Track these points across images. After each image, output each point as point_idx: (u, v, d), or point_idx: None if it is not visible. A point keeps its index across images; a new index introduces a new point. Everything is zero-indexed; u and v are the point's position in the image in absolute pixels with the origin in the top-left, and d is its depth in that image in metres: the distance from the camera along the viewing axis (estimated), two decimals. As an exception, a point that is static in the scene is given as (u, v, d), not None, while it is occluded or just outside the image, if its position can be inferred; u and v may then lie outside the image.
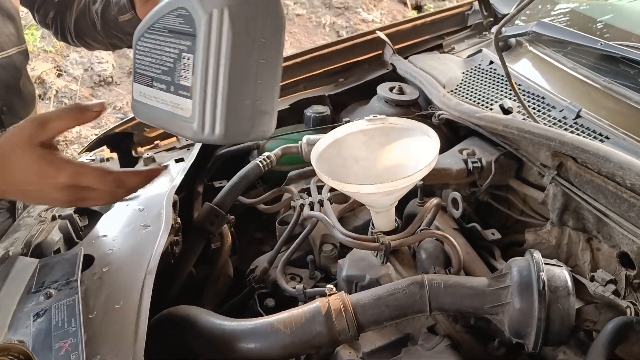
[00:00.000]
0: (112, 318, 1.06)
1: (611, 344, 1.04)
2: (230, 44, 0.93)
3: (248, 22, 0.94)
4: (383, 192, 1.24)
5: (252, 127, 1.01)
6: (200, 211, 1.52)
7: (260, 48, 0.96)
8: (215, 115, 0.96)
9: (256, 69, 0.97)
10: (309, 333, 1.12)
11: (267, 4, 0.96)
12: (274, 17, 0.98)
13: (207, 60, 0.93)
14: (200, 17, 0.92)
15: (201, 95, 0.95)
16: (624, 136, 1.35)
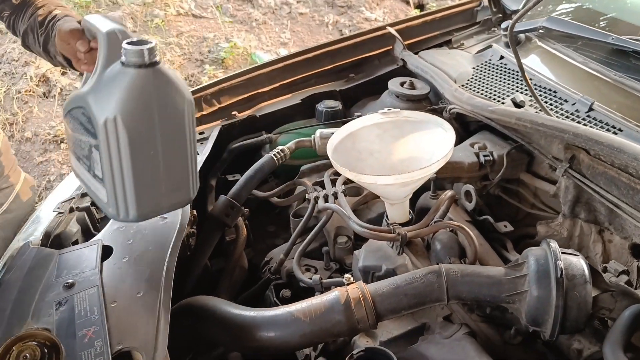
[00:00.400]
0: (133, 307, 1.08)
1: (628, 331, 1.06)
2: (128, 144, 0.99)
3: (143, 122, 1.00)
4: (400, 183, 1.26)
5: (165, 203, 1.09)
6: (216, 203, 1.54)
7: (162, 138, 1.02)
8: (126, 202, 1.04)
9: (160, 156, 1.03)
10: (328, 322, 1.14)
11: (160, 100, 1.00)
12: (171, 106, 1.02)
13: (111, 160, 1.01)
14: (97, 122, 0.99)
15: (111, 187, 1.04)
16: (637, 128, 1.36)
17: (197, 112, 1.87)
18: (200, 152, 1.67)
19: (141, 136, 1.00)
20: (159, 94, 1.00)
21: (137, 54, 0.95)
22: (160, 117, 1.01)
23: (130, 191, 1.03)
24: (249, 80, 1.95)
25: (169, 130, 1.03)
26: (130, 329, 1.03)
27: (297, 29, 5.59)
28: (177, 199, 1.11)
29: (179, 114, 1.04)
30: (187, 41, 5.21)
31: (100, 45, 1.04)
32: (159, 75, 0.99)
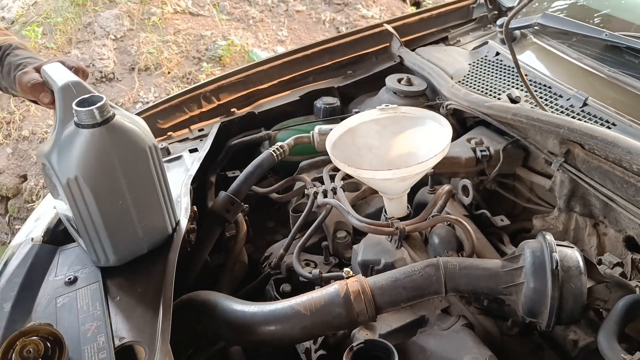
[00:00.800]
0: (135, 302, 1.09)
1: (622, 321, 1.08)
2: (94, 200, 1.04)
3: (105, 177, 1.05)
4: (398, 177, 1.27)
5: (144, 244, 1.16)
6: (216, 199, 1.55)
7: (128, 187, 1.08)
8: (104, 251, 1.11)
9: (130, 204, 1.09)
10: (329, 314, 1.16)
11: (119, 153, 1.04)
12: (132, 155, 1.07)
13: (80, 215, 1.07)
14: (60, 182, 1.04)
15: (86, 238, 1.10)
16: (631, 123, 1.38)
17: (196, 109, 1.89)
18: (200, 148, 1.69)
19: (106, 190, 1.05)
20: (117, 147, 1.03)
21: (88, 115, 0.99)
22: (123, 169, 1.05)
23: (106, 241, 1.10)
24: (248, 77, 1.97)
25: (135, 178, 1.08)
26: (132, 324, 1.04)
27: (294, 27, 5.60)
28: (155, 238, 1.17)
29: (142, 161, 1.09)
30: (184, 39, 5.22)
31: (57, 100, 1.06)
32: (114, 130, 1.03)
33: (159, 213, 1.16)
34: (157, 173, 1.14)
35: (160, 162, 1.15)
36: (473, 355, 1.09)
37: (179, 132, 1.85)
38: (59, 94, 1.06)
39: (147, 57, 4.93)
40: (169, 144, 1.75)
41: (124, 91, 4.80)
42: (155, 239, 1.17)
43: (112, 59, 5.01)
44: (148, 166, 1.10)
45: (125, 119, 1.07)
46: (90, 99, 1.02)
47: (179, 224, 1.25)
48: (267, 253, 1.60)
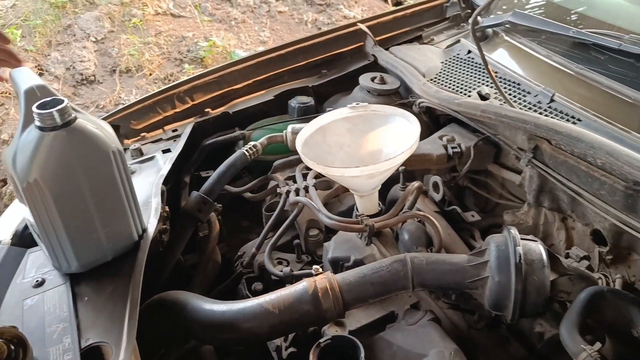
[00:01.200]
0: (104, 302, 1.09)
1: (584, 312, 1.09)
2: (55, 204, 1.03)
3: (66, 181, 1.03)
4: (366, 175, 1.28)
5: (108, 250, 1.14)
6: (188, 199, 1.56)
7: (91, 192, 1.06)
8: (66, 257, 1.10)
9: (92, 209, 1.08)
10: (297, 312, 1.16)
11: (81, 156, 1.03)
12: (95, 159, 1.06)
13: (41, 220, 1.05)
14: (20, 186, 1.02)
15: (48, 244, 1.09)
16: (595, 118, 1.40)
17: (170, 110, 1.89)
18: (173, 149, 1.68)
19: (66, 195, 1.04)
20: (79, 151, 1.02)
21: (48, 118, 0.98)
22: (85, 173, 1.04)
23: (67, 247, 1.08)
24: (222, 77, 1.97)
25: (97, 183, 1.07)
26: (100, 324, 1.04)
27: (276, 27, 5.60)
28: (120, 245, 1.16)
29: (105, 165, 1.07)
30: (166, 40, 5.20)
31: (21, 103, 1.05)
32: (75, 133, 1.02)
33: (124, 219, 1.15)
34: (122, 178, 1.12)
35: (125, 167, 1.13)
36: (438, 349, 1.10)
37: (153, 132, 1.84)
38: (23, 97, 1.05)
39: (128, 59, 4.91)
40: (142, 144, 1.75)
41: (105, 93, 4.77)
42: (120, 246, 1.16)
43: (92, 61, 4.97)
44: (111, 171, 1.09)
45: (88, 122, 1.06)
46: (52, 102, 1.01)
47: (147, 230, 1.25)
48: (240, 252, 1.61)
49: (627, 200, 1.22)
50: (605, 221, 1.31)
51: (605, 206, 1.29)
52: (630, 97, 1.42)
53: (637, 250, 1.29)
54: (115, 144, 1.10)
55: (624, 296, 1.12)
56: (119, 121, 1.82)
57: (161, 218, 1.48)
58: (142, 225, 1.23)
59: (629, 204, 1.22)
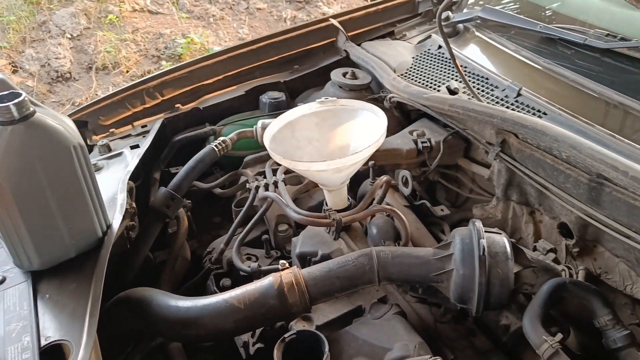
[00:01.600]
0: (66, 299, 1.07)
1: (546, 304, 1.10)
2: (13, 200, 1.01)
3: (24, 176, 1.01)
4: (333, 169, 1.28)
5: (71, 247, 1.12)
6: (156, 195, 1.54)
7: (51, 188, 1.05)
8: (27, 254, 1.08)
9: (53, 205, 1.06)
10: (263, 307, 1.15)
11: (40, 151, 1.01)
12: (55, 154, 1.04)
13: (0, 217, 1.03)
14: None
15: (8, 241, 1.07)
16: (560, 112, 1.42)
17: (140, 105, 1.87)
18: (141, 144, 1.66)
19: (25, 190, 1.02)
20: (37, 146, 1.00)
21: (6, 111, 0.96)
22: (45, 168, 1.02)
23: (28, 244, 1.06)
24: (192, 72, 1.95)
25: (58, 179, 1.05)
26: (61, 322, 1.02)
27: (255, 24, 5.58)
28: (83, 242, 1.14)
29: (66, 161, 1.05)
30: (143, 37, 5.15)
31: None
32: (34, 128, 0.99)
33: (86, 216, 1.13)
34: (84, 174, 1.10)
35: (87, 163, 1.11)
36: (403, 343, 1.10)
37: (122, 128, 1.82)
38: None
39: (104, 56, 4.85)
40: (111, 140, 1.73)
41: (81, 91, 4.71)
42: (83, 242, 1.14)
43: (68, 58, 4.91)
44: (73, 166, 1.07)
45: (47, 117, 1.04)
46: (9, 95, 0.99)
47: (111, 226, 1.23)
48: (209, 248, 1.59)
49: (591, 192, 1.23)
50: (571, 214, 1.32)
51: (571, 199, 1.30)
52: (595, 91, 1.44)
53: (603, 243, 1.30)
54: (76, 139, 1.08)
55: (585, 287, 1.14)
56: (87, 117, 1.80)
57: (128, 214, 1.46)
58: (106, 222, 1.21)
59: (593, 197, 1.23)
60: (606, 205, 1.20)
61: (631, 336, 1.06)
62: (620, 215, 1.18)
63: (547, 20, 1.78)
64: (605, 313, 1.09)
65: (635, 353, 1.03)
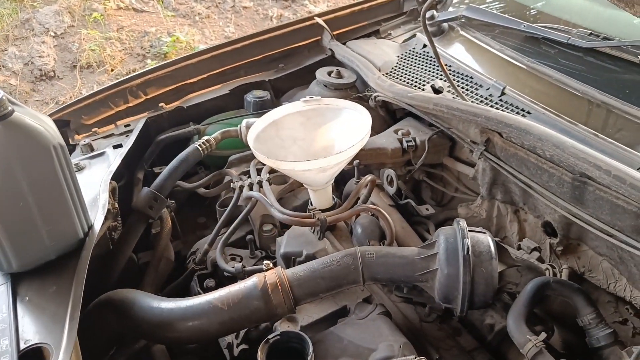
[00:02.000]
0: (46, 302, 1.05)
1: (530, 303, 1.10)
2: None
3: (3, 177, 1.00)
4: (317, 168, 1.27)
5: (51, 249, 1.11)
6: (139, 196, 1.52)
7: (30, 189, 1.03)
8: (6, 255, 1.06)
9: (32, 206, 1.05)
10: (247, 308, 1.14)
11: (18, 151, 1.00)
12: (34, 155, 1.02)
13: None
14: None
15: None
16: (544, 111, 1.42)
17: (123, 104, 1.85)
18: (124, 144, 1.65)
19: (4, 191, 1.00)
20: (16, 146, 0.99)
21: None
22: (24, 169, 1.01)
23: (7, 245, 1.05)
24: (177, 71, 1.93)
25: (37, 180, 1.03)
26: (41, 324, 1.01)
27: (241, 23, 5.54)
28: (64, 243, 1.13)
29: (46, 161, 1.04)
30: (128, 36, 5.10)
31: None
32: (12, 127, 0.98)
33: (67, 217, 1.12)
34: (64, 174, 1.08)
35: (68, 163, 1.10)
36: (388, 343, 1.09)
37: (105, 128, 1.80)
38: None
39: (89, 55, 4.80)
40: (93, 140, 1.70)
41: (66, 89, 4.66)
42: (64, 244, 1.13)
43: (52, 57, 4.85)
44: (52, 167, 1.05)
45: (27, 116, 1.02)
46: None
47: (93, 228, 1.21)
48: (193, 249, 1.58)
49: (575, 191, 1.24)
50: (555, 213, 1.33)
51: (555, 198, 1.30)
52: (578, 90, 1.44)
53: (586, 241, 1.31)
54: (56, 139, 1.07)
55: (569, 286, 1.14)
56: (69, 116, 1.78)
57: (110, 215, 1.44)
58: (87, 223, 1.20)
59: (576, 195, 1.24)
60: (589, 204, 1.21)
61: (614, 335, 1.06)
62: (603, 214, 1.18)
63: (531, 19, 1.78)
64: (588, 312, 1.09)
65: (619, 351, 1.04)
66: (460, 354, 1.19)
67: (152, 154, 1.79)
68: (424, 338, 1.22)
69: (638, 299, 1.19)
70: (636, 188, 1.04)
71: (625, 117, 1.33)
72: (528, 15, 1.83)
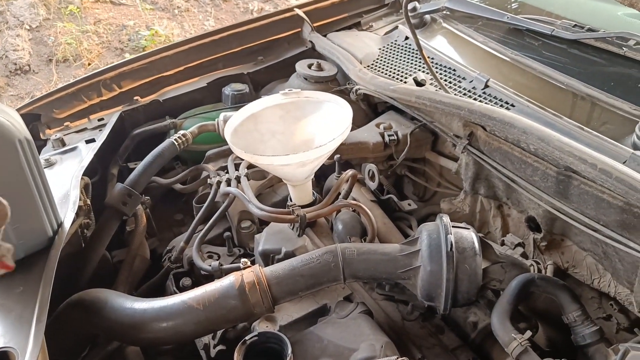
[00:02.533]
0: (12, 303, 1.00)
1: (515, 300, 1.08)
2: None
3: None
4: (296, 163, 1.23)
5: (19, 246, 1.05)
6: (112, 192, 1.47)
7: None
8: None
9: None
10: (223, 308, 1.10)
11: None
12: None
13: None
14: None
15: None
16: (528, 104, 1.39)
17: (96, 98, 1.79)
18: (97, 139, 1.59)
19: None
20: None
21: None
22: None
23: None
24: (152, 63, 1.88)
25: (2, 175, 1.00)
26: (7, 327, 0.96)
27: (221, 17, 5.47)
28: (32, 242, 1.08)
29: (11, 156, 1.00)
30: (106, 29, 5.00)
31: None
32: None
33: (34, 214, 1.07)
34: (31, 169, 1.04)
35: (35, 158, 1.05)
36: (369, 342, 1.06)
37: (77, 122, 1.74)
38: None
39: (65, 48, 4.70)
40: (65, 134, 1.65)
41: (41, 84, 4.55)
42: (31, 242, 1.08)
43: (27, 50, 4.74)
44: (18, 162, 1.01)
45: None
46: None
47: (63, 225, 1.16)
48: (169, 247, 1.53)
49: (559, 185, 1.21)
50: (539, 207, 1.31)
51: (539, 192, 1.28)
52: (563, 83, 1.42)
53: (570, 236, 1.29)
54: (22, 133, 1.02)
55: (554, 283, 1.12)
56: (40, 110, 1.71)
57: (82, 212, 1.40)
58: (57, 220, 1.15)
59: (561, 190, 1.21)
60: (574, 199, 1.19)
61: (600, 332, 1.04)
62: (587, 209, 1.16)
63: (514, 11, 1.76)
64: (574, 309, 1.07)
65: (604, 349, 1.02)
66: (443, 353, 1.16)
67: (126, 149, 1.74)
68: (406, 337, 1.19)
69: (622, 294, 1.17)
70: (622, 182, 1.01)
71: (610, 109, 1.31)
72: (510, 7, 1.81)
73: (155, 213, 1.70)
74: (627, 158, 1.12)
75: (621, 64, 1.40)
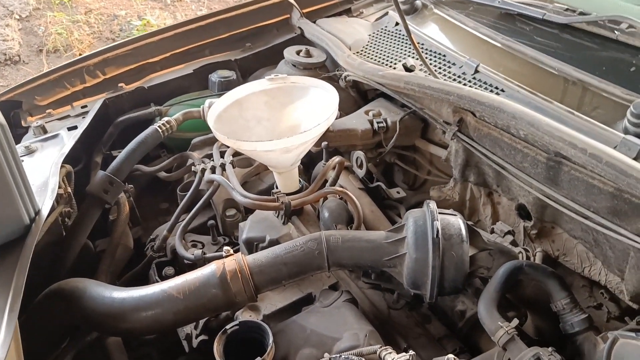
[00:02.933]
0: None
1: (503, 288, 1.05)
2: None
3: None
4: (281, 149, 1.20)
5: None
6: (93, 180, 1.44)
7: None
8: None
9: None
10: (204, 296, 1.08)
11: None
12: None
13: None
14: None
15: None
16: (519, 89, 1.36)
17: (79, 84, 1.75)
18: (79, 126, 1.56)
19: None
20: None
21: None
22: None
23: None
24: (137, 49, 1.84)
25: None
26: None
27: (214, 6, 5.41)
28: (7, 230, 1.05)
29: None
30: (97, 19, 4.95)
31: None
32: None
33: (9, 201, 1.04)
34: (6, 156, 1.01)
35: (10, 144, 1.02)
36: (353, 332, 1.04)
37: (60, 109, 1.71)
38: None
39: (55, 38, 4.64)
40: (47, 122, 1.61)
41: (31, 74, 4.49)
42: (6, 230, 1.05)
43: (17, 40, 4.68)
44: None
45: None
46: None
47: (40, 213, 1.13)
48: (152, 235, 1.50)
49: (549, 172, 1.19)
50: (529, 195, 1.28)
51: (529, 179, 1.25)
52: (554, 68, 1.39)
53: (561, 224, 1.26)
54: None
55: (542, 270, 1.09)
56: (21, 96, 1.68)
57: (62, 200, 1.36)
58: (34, 208, 1.12)
59: (551, 176, 1.19)
60: (564, 185, 1.16)
61: (589, 320, 1.02)
62: (578, 195, 1.13)
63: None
64: (562, 296, 1.04)
65: (593, 337, 0.99)
66: (429, 342, 1.13)
67: (110, 136, 1.71)
68: (391, 326, 1.16)
69: (613, 283, 1.15)
70: (613, 167, 0.99)
71: (602, 94, 1.28)
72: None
73: (140, 202, 1.67)
74: (618, 143, 1.10)
75: (614, 48, 1.37)
